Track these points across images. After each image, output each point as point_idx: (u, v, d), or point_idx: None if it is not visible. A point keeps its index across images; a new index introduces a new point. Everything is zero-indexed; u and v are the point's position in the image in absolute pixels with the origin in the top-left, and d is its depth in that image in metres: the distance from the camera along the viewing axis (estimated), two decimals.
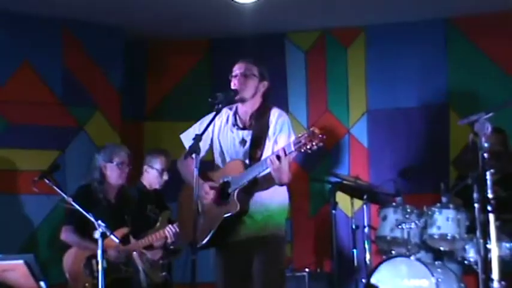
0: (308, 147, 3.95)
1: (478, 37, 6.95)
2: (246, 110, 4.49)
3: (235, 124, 4.50)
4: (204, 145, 4.41)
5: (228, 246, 4.42)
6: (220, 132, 4.53)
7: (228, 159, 4.49)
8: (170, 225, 5.68)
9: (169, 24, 7.15)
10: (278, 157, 4.07)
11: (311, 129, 3.99)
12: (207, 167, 4.55)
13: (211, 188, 4.42)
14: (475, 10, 6.79)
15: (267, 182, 4.29)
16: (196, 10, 6.71)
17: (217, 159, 4.56)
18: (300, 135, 4.04)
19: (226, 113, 4.55)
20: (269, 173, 4.19)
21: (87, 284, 5.40)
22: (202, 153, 4.41)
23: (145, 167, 6.16)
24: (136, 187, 6.09)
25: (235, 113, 4.54)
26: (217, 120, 4.50)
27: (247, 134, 4.44)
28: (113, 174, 5.70)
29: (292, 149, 4.03)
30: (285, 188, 4.45)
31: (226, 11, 6.59)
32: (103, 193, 5.70)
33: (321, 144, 3.95)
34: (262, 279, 4.33)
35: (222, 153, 4.52)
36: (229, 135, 4.49)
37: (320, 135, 3.94)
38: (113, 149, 5.80)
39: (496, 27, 6.86)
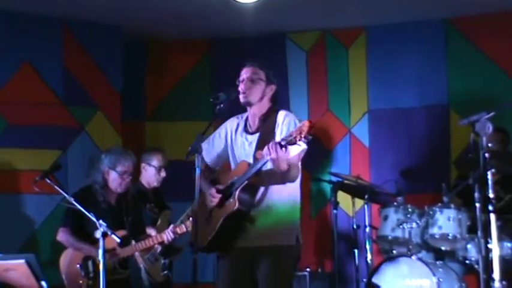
0: (298, 139, 3.92)
1: (478, 37, 6.96)
2: (254, 114, 4.48)
3: (245, 129, 4.50)
4: (211, 151, 4.50)
5: (234, 251, 4.35)
6: (232, 139, 4.52)
7: None
8: (169, 230, 5.63)
9: (169, 24, 7.15)
10: (275, 148, 4.01)
11: (300, 123, 3.97)
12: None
13: (218, 191, 4.39)
14: (475, 10, 6.80)
15: (269, 178, 4.24)
16: (196, 10, 6.70)
17: (232, 166, 4.54)
18: (292, 129, 4.04)
19: (237, 120, 4.56)
20: (271, 169, 4.16)
21: (81, 281, 5.37)
22: (209, 159, 4.52)
23: (142, 165, 6.18)
24: (135, 186, 6.08)
25: (246, 119, 4.54)
26: (228, 128, 4.53)
27: (254, 137, 4.43)
28: (114, 182, 5.65)
29: (283, 142, 4.00)
30: (295, 188, 4.40)
31: (226, 11, 6.58)
32: (103, 196, 5.66)
33: (309, 136, 3.91)
34: None
35: (235, 159, 4.50)
36: (239, 141, 4.49)
37: (308, 127, 3.90)
38: (119, 156, 5.69)
39: (496, 27, 6.87)
